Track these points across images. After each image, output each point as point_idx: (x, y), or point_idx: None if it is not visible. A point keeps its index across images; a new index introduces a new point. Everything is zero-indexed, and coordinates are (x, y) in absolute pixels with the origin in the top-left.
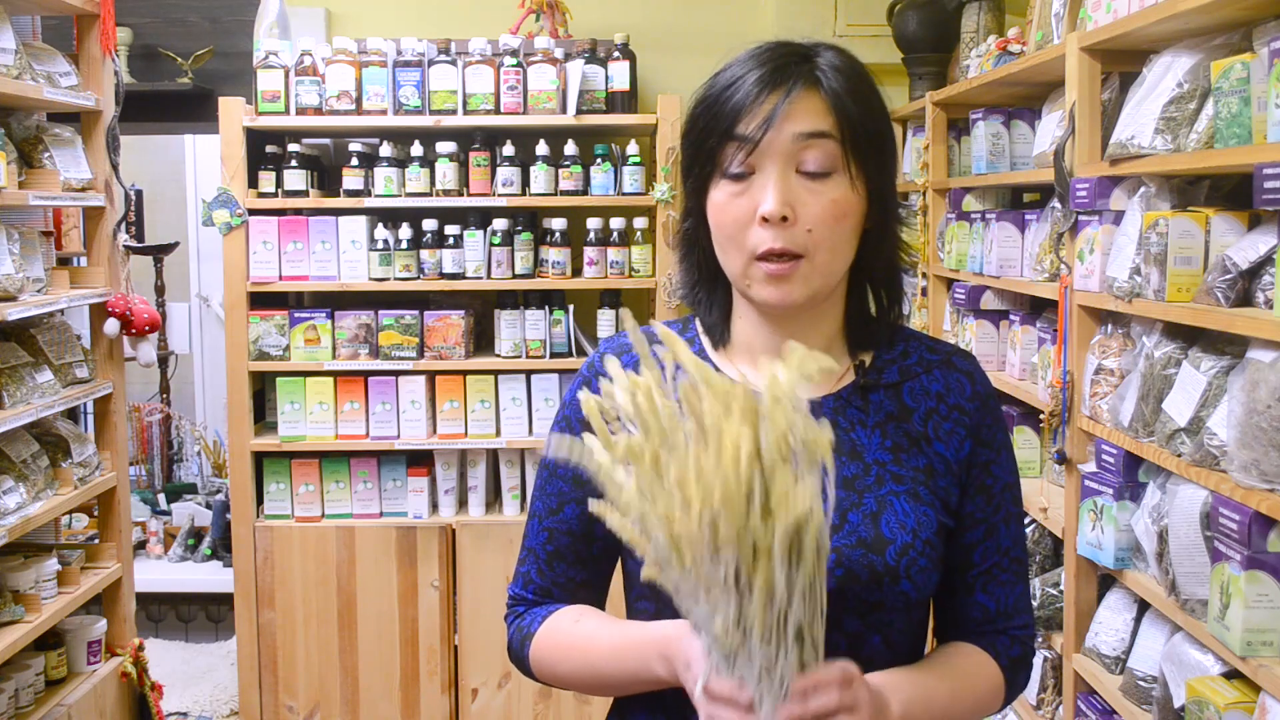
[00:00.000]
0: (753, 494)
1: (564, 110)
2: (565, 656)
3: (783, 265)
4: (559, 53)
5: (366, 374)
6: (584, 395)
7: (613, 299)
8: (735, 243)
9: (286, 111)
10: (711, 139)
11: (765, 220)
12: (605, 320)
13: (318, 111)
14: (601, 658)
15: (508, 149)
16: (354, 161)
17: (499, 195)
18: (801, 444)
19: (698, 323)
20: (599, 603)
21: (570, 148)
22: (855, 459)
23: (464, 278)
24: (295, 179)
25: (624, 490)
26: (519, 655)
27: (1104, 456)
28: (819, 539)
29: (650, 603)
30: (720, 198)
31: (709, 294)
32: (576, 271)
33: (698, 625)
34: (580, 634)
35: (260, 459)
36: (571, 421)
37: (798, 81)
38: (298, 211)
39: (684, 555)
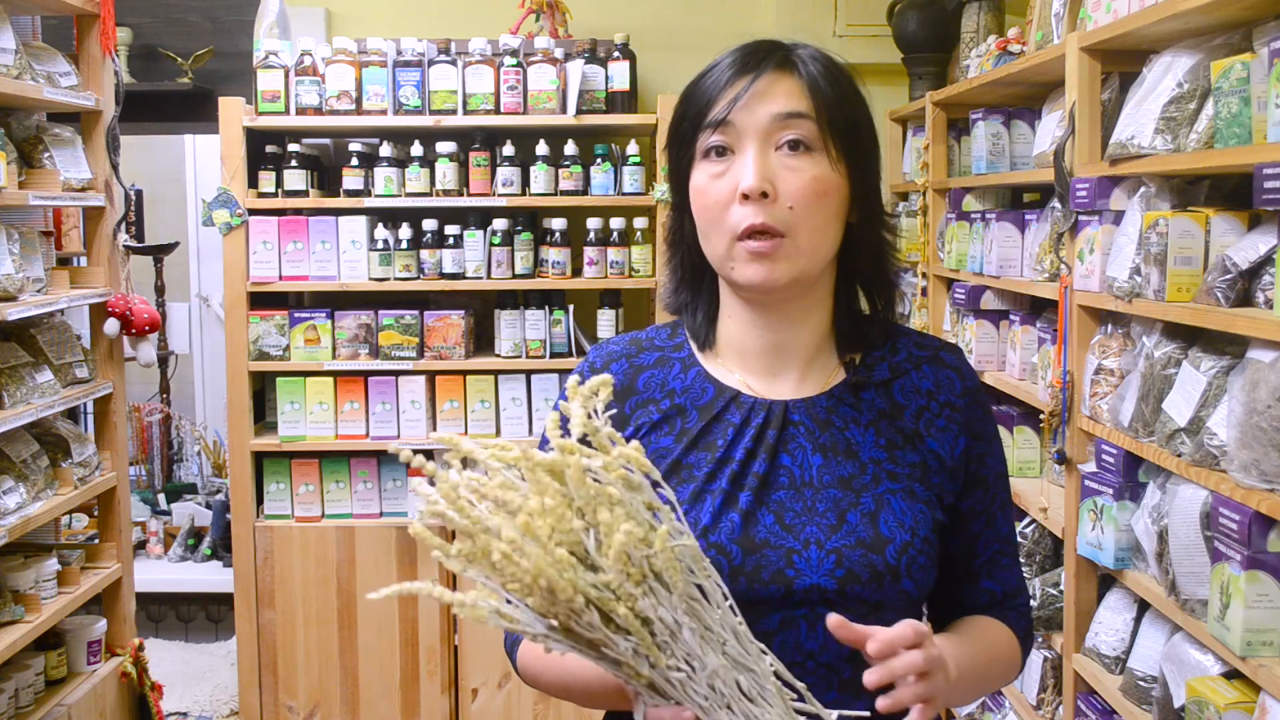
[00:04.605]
0: (581, 542)
1: (564, 110)
2: (545, 669)
3: (764, 243)
4: (559, 53)
5: (366, 374)
6: (411, 529)
7: (613, 299)
8: (717, 225)
9: (286, 111)
10: (686, 122)
11: (745, 197)
12: (605, 320)
13: (318, 111)
14: (573, 678)
15: (508, 149)
16: (354, 161)
17: (499, 195)
18: (612, 473)
19: (686, 328)
20: None
21: (570, 148)
22: (851, 458)
23: (464, 278)
24: (295, 179)
25: (474, 607)
26: (510, 658)
27: (1104, 456)
28: (672, 547)
29: None
30: (701, 180)
31: (694, 294)
32: (576, 271)
33: (616, 676)
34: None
35: (260, 459)
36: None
37: (769, 63)
38: (298, 211)
39: (554, 621)
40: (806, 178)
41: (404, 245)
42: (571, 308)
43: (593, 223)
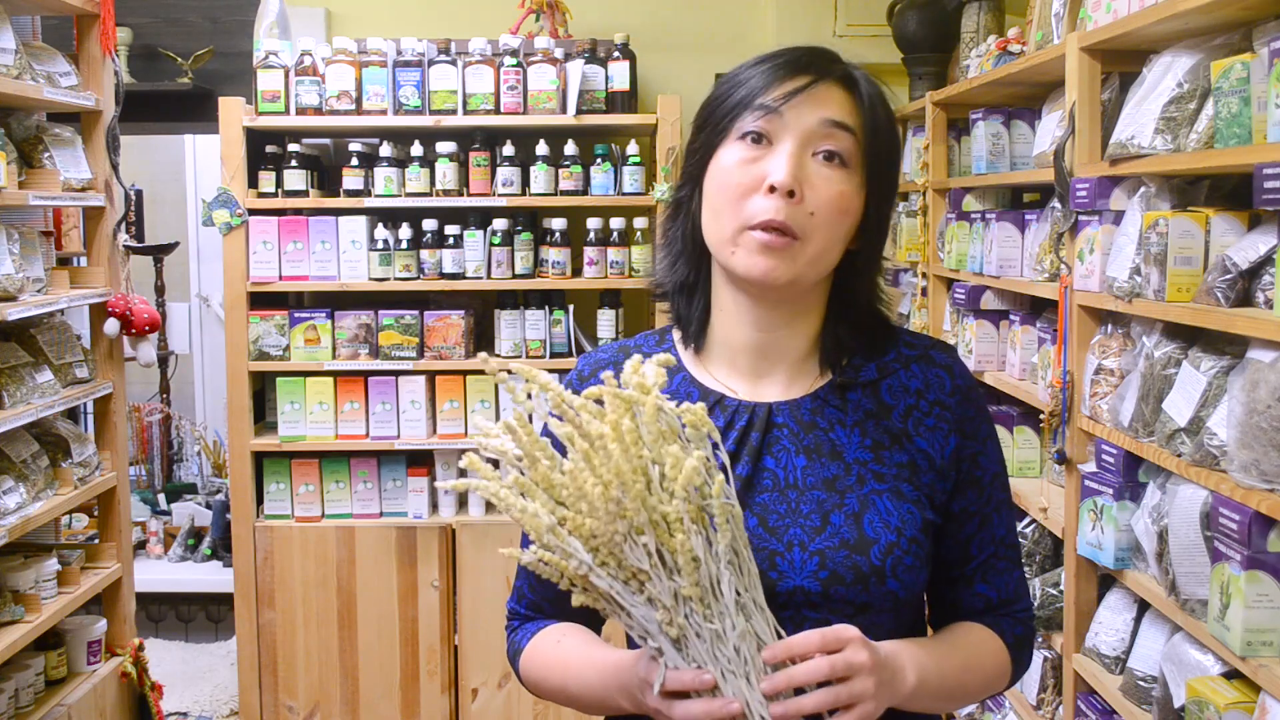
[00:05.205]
0: (648, 471)
1: (564, 110)
2: (546, 676)
3: (777, 239)
4: (559, 53)
5: (366, 374)
6: (466, 459)
7: (613, 299)
8: (733, 208)
9: (286, 111)
10: (730, 99)
11: (773, 190)
12: (605, 320)
13: (318, 111)
14: (573, 682)
15: (508, 149)
16: (354, 161)
17: (499, 195)
18: (682, 423)
19: (674, 333)
20: (591, 617)
21: (570, 148)
22: (835, 459)
23: (464, 278)
24: (295, 179)
25: (534, 516)
26: (514, 669)
27: (1104, 456)
28: (724, 502)
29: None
30: (729, 159)
31: (692, 273)
32: (576, 271)
33: (643, 629)
34: (558, 655)
35: (260, 459)
36: (554, 437)
37: (833, 72)
38: (298, 211)
39: (603, 553)
40: (835, 190)
41: (404, 245)
42: (571, 308)
43: (593, 223)
